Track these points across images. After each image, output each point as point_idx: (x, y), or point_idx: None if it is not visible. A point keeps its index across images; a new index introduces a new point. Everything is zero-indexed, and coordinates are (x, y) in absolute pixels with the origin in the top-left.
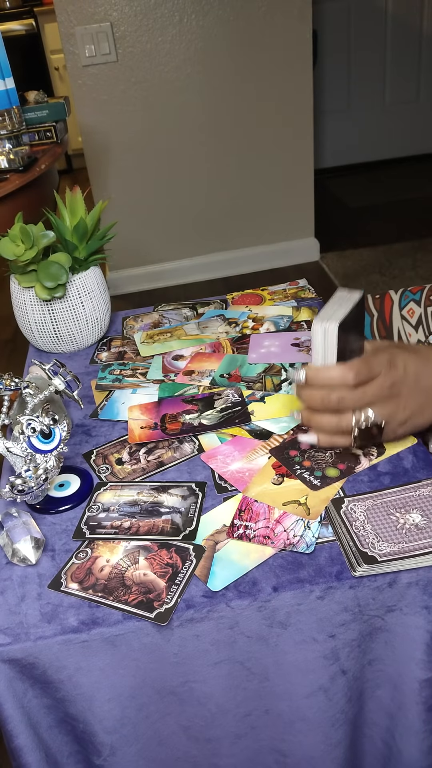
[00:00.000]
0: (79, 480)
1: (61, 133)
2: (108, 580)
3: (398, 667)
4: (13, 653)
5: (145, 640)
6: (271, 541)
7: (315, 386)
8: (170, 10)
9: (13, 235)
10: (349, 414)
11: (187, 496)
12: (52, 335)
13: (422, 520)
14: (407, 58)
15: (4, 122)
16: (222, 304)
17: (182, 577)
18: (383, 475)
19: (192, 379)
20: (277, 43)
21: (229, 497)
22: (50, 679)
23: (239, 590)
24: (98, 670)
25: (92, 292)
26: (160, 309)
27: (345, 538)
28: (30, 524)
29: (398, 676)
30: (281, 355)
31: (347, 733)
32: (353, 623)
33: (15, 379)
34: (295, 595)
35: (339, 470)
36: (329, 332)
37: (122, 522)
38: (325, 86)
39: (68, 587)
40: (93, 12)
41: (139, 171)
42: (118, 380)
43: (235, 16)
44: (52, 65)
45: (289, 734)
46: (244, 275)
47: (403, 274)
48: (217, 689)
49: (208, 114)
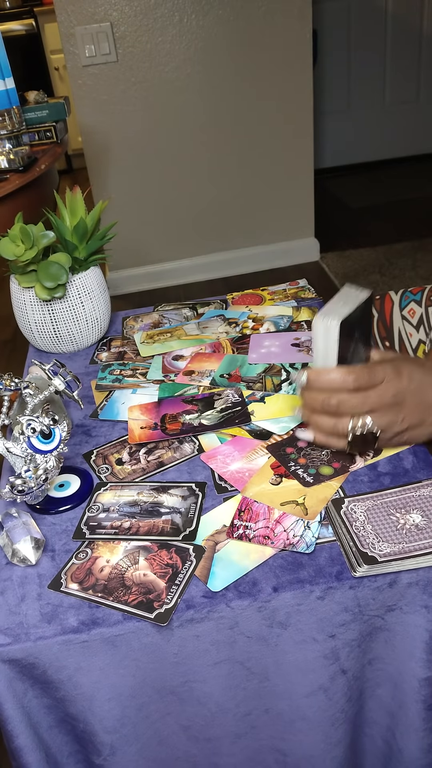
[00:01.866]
0: (79, 480)
1: (61, 133)
2: (108, 581)
3: (398, 666)
4: (13, 653)
5: (145, 641)
6: (271, 541)
7: (316, 389)
8: (170, 10)
9: (13, 235)
10: (347, 418)
11: (187, 497)
12: (52, 335)
13: (422, 521)
14: (407, 58)
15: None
16: (222, 304)
17: (182, 577)
18: (383, 475)
19: (192, 379)
20: (277, 43)
21: (229, 497)
22: (50, 679)
23: (239, 590)
24: (98, 670)
25: (92, 292)
26: (160, 309)
27: (345, 538)
28: (30, 524)
29: (398, 674)
30: (281, 355)
31: (347, 732)
32: (353, 623)
33: (15, 379)
34: (295, 595)
35: (333, 468)
36: (331, 329)
37: (122, 522)
38: (325, 86)
39: (68, 588)
40: (93, 12)
41: (139, 171)
42: (118, 380)
43: (235, 16)
44: (52, 65)
45: (289, 733)
46: (244, 275)
47: (403, 274)
48: (217, 689)
49: (208, 114)
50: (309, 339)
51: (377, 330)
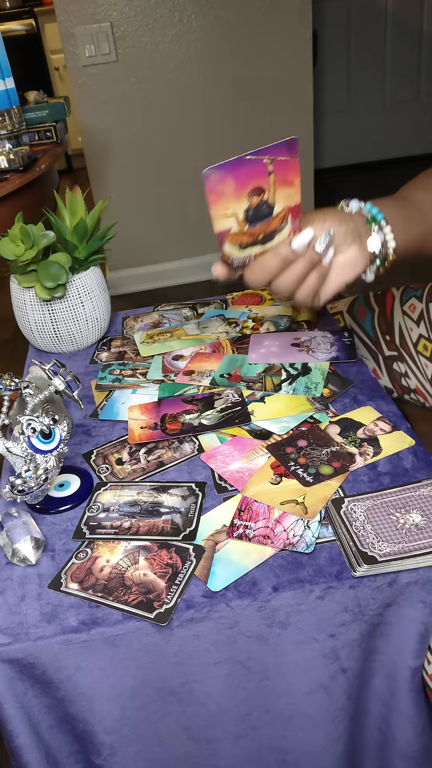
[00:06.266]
0: (79, 480)
1: (61, 133)
2: (108, 581)
3: (393, 656)
4: (13, 653)
5: (145, 640)
6: (271, 541)
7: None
8: (170, 10)
9: (13, 235)
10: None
11: (187, 496)
12: (52, 335)
13: (422, 520)
14: (407, 58)
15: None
16: (222, 304)
17: (182, 577)
18: (383, 475)
19: (192, 379)
20: (277, 43)
21: (229, 497)
22: (50, 679)
23: (239, 590)
24: (98, 670)
25: (92, 292)
26: (160, 309)
27: (345, 538)
28: (30, 524)
29: (393, 665)
30: (281, 355)
31: (347, 728)
32: (353, 623)
33: (15, 379)
34: (295, 595)
35: (333, 468)
36: None
37: (122, 522)
38: (325, 86)
39: (68, 587)
40: (93, 12)
41: (139, 171)
42: (118, 380)
43: (235, 16)
44: (52, 65)
45: (290, 731)
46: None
47: (403, 274)
48: (217, 689)
49: (208, 114)
50: (309, 339)
51: (377, 324)
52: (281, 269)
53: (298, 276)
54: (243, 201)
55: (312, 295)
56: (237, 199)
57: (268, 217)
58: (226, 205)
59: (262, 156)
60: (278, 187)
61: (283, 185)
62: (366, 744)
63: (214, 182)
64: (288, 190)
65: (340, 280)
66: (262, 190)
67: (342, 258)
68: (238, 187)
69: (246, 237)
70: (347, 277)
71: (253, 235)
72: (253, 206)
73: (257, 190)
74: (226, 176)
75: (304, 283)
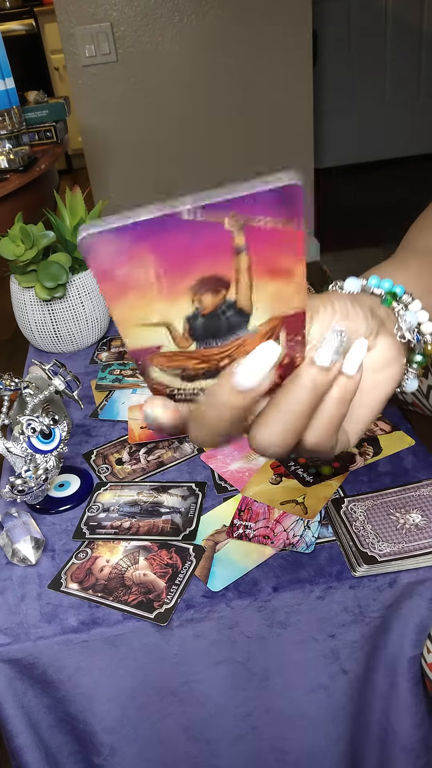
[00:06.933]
0: (79, 480)
1: (61, 133)
2: (108, 581)
3: (391, 649)
4: (13, 653)
5: (145, 640)
6: (271, 541)
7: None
8: (170, 10)
9: (13, 235)
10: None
11: (187, 496)
12: (52, 335)
13: (422, 520)
14: (407, 58)
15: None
16: None
17: (182, 577)
18: (383, 475)
19: None
20: (277, 43)
21: (229, 497)
22: (50, 679)
23: (239, 590)
24: (98, 670)
25: (92, 292)
26: None
27: (345, 538)
28: (30, 524)
29: (391, 657)
30: None
31: (348, 728)
32: (353, 623)
33: (15, 379)
34: (295, 595)
35: (333, 468)
36: None
37: (122, 522)
38: (325, 86)
39: (68, 587)
40: (93, 12)
41: (139, 171)
42: (118, 380)
43: (235, 17)
44: (52, 65)
45: (290, 731)
46: None
47: None
48: (217, 689)
49: (208, 114)
50: None
51: None
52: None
53: (302, 412)
54: (181, 301)
55: (333, 433)
56: (168, 296)
57: (237, 331)
58: (144, 306)
59: (220, 214)
60: (258, 279)
61: (268, 275)
62: (367, 741)
63: (108, 259)
64: (280, 284)
65: (376, 398)
66: (222, 283)
67: (369, 362)
68: (170, 273)
69: (193, 361)
70: (387, 390)
71: (206, 359)
72: (204, 312)
73: (212, 281)
74: (137, 250)
75: (315, 418)
